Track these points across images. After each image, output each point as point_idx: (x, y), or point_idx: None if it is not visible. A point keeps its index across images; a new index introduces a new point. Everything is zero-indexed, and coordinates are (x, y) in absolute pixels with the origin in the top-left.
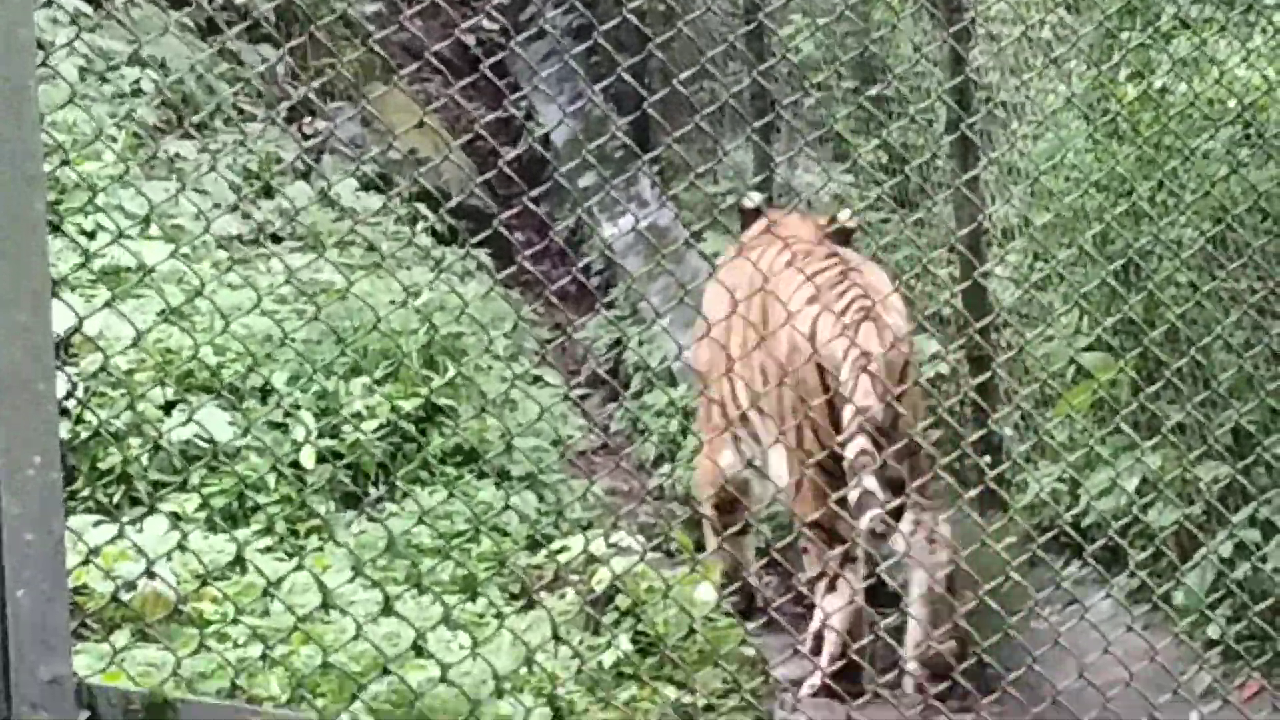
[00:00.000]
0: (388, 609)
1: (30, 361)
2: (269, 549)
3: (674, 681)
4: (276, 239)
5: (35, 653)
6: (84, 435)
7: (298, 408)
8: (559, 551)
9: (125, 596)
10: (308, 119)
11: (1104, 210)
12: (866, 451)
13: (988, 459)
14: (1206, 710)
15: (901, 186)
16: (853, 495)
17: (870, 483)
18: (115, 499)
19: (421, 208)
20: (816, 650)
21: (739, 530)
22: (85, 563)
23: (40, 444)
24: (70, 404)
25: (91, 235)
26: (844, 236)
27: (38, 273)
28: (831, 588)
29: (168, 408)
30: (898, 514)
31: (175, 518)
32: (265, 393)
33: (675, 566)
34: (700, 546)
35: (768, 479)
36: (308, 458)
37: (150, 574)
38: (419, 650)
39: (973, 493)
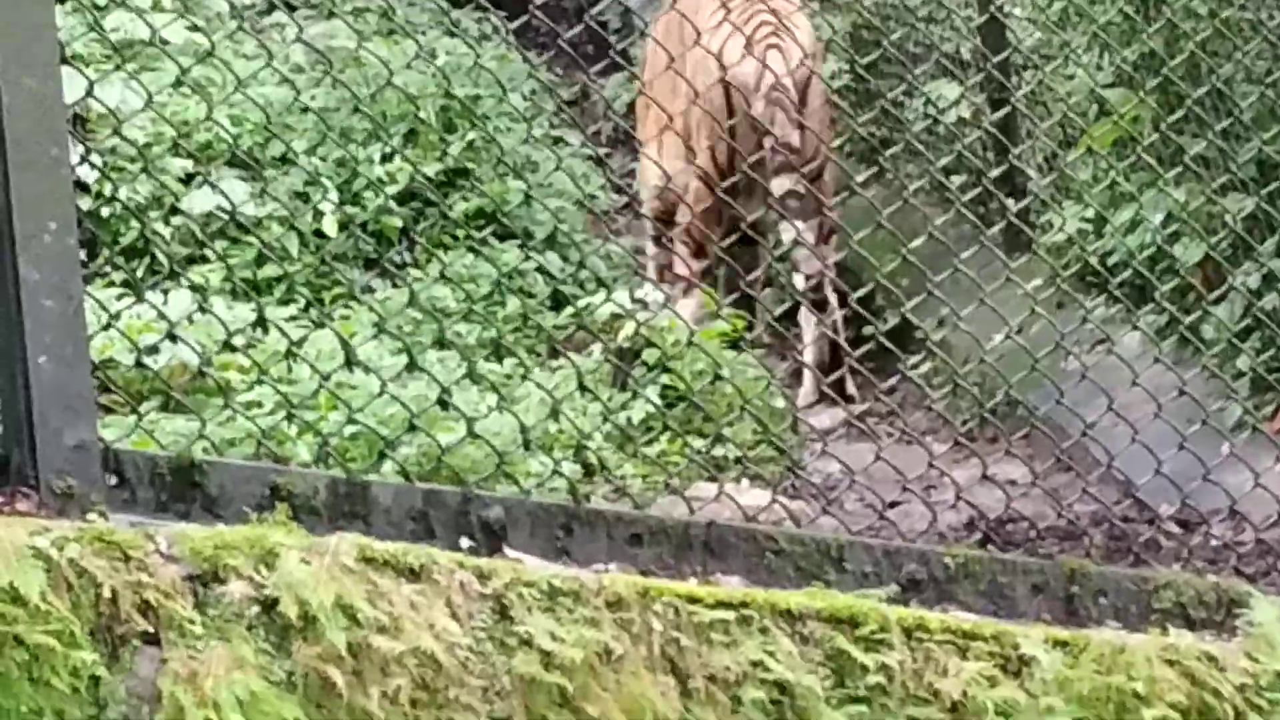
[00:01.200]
0: (411, 365)
1: (42, 127)
2: (294, 318)
3: (703, 434)
4: (291, 8)
5: (60, 419)
6: (104, 211)
7: (318, 175)
8: (584, 310)
9: (151, 365)
10: None
11: None
12: (793, 192)
13: (1012, 201)
14: (1238, 441)
15: None
16: (785, 237)
17: (801, 226)
18: (139, 273)
19: None
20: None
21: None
22: (106, 328)
23: (56, 210)
24: (90, 179)
25: (103, 8)
26: None
27: (46, 38)
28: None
29: (187, 180)
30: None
31: (198, 289)
32: (285, 162)
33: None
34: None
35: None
36: (330, 225)
37: (172, 338)
38: (444, 405)
39: (994, 229)
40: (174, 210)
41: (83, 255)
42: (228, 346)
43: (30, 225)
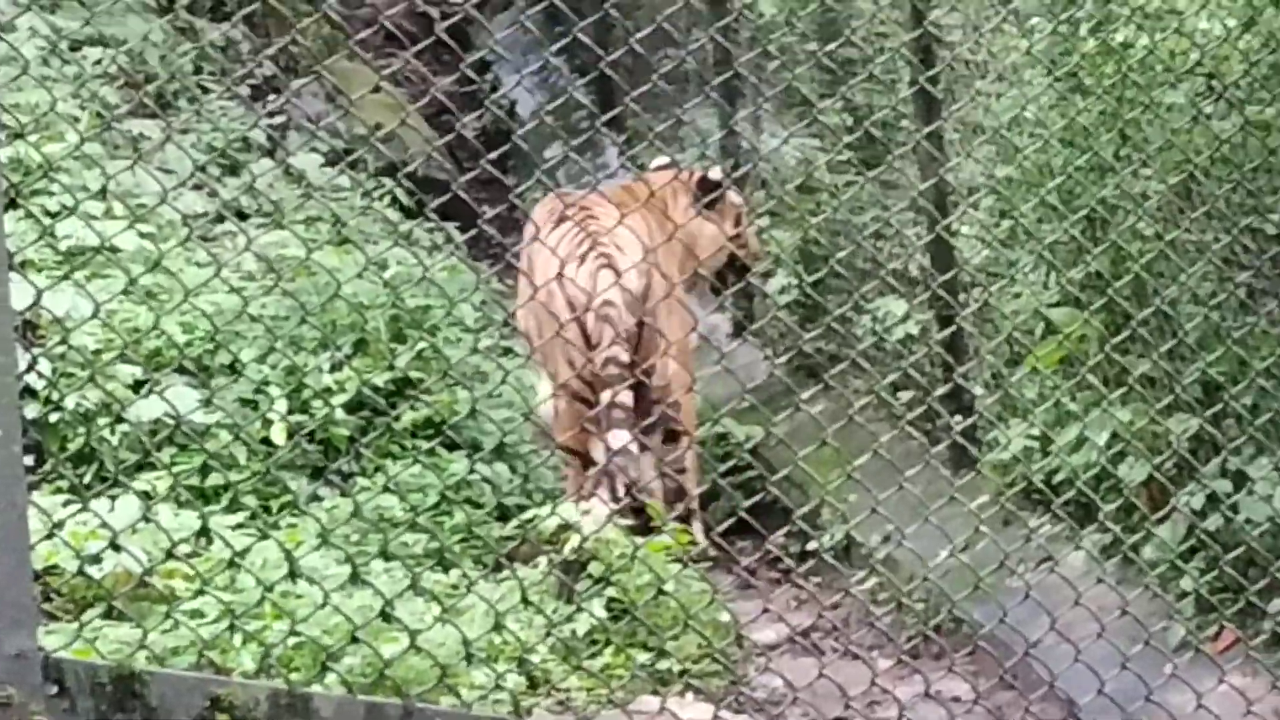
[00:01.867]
0: (355, 577)
1: None
2: (240, 525)
3: (648, 647)
4: (243, 216)
5: (0, 627)
6: (53, 417)
7: (267, 384)
8: (529, 521)
9: (96, 575)
10: (272, 96)
11: (1068, 165)
12: (617, 404)
13: (959, 418)
14: (1181, 662)
15: (869, 150)
16: (612, 443)
17: (621, 437)
18: (86, 479)
19: (388, 182)
20: None
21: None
22: (49, 536)
23: (1, 418)
24: (39, 385)
25: (55, 215)
26: (712, 192)
27: None
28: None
29: (136, 387)
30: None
31: (145, 496)
32: (234, 370)
33: (649, 534)
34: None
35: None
36: (278, 434)
37: (115, 547)
38: (387, 618)
39: (940, 447)
40: (120, 418)
41: (30, 461)
42: (171, 555)
43: None
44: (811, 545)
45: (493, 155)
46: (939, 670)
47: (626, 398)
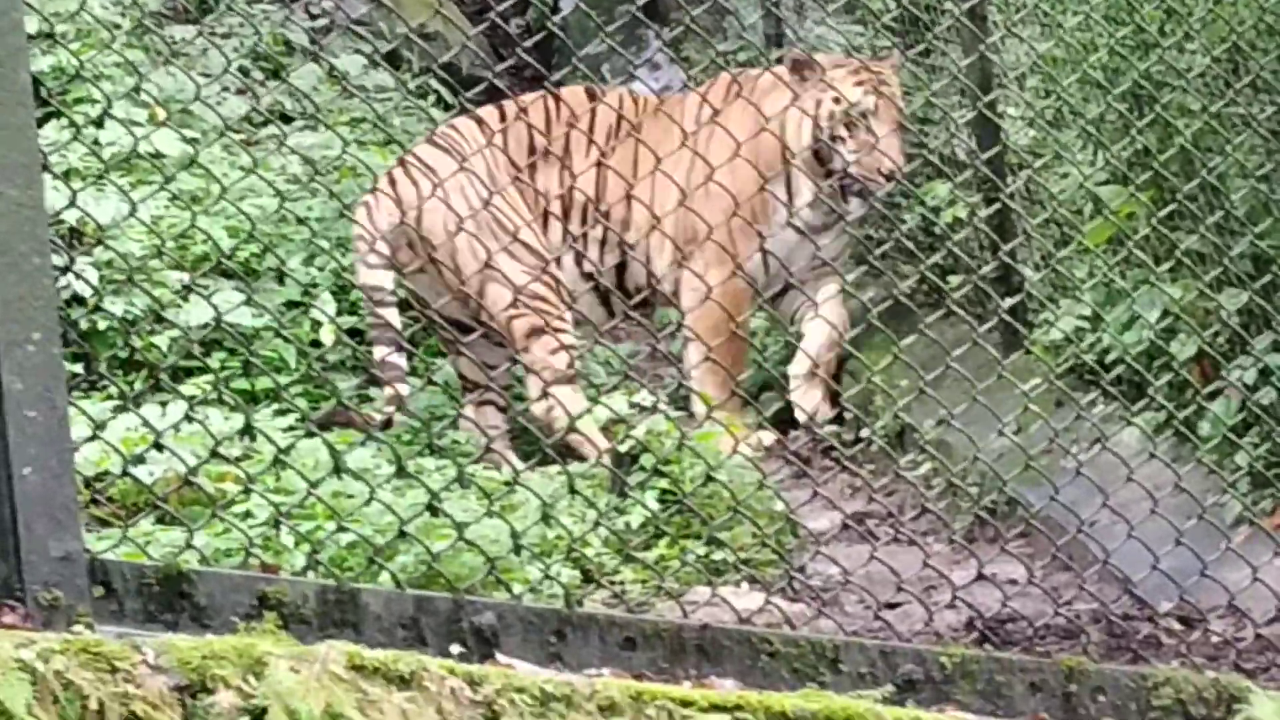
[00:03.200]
0: (401, 472)
1: (24, 236)
2: (290, 428)
3: (701, 538)
4: (287, 120)
5: (45, 530)
6: (101, 325)
7: (314, 285)
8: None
9: (145, 479)
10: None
11: (1112, 40)
12: (374, 325)
13: (1008, 300)
14: (1236, 537)
15: (912, 34)
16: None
17: (380, 352)
18: (137, 384)
19: (432, 82)
20: None
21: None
22: (93, 438)
23: (39, 319)
24: (87, 293)
25: (100, 124)
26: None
27: (27, 147)
28: None
29: (185, 293)
30: None
31: (190, 400)
32: (281, 273)
33: (701, 426)
34: None
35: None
36: (326, 335)
37: (159, 447)
38: (434, 511)
39: (986, 327)
40: (160, 319)
41: (79, 368)
42: (219, 456)
43: (13, 334)
44: (864, 432)
45: (528, 43)
46: (993, 553)
47: (390, 314)
